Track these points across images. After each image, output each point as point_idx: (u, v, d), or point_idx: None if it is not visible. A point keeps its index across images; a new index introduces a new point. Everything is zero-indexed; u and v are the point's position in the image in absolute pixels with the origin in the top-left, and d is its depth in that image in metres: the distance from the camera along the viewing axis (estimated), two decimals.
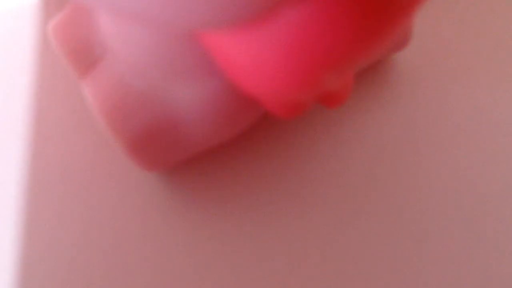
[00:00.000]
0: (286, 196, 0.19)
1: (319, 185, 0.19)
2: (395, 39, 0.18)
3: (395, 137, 0.20)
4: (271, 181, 0.19)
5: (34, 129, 0.20)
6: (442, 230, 0.19)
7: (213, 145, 0.17)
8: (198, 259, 0.18)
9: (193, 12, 0.09)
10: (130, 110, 0.16)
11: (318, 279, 0.18)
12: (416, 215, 0.19)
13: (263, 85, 0.12)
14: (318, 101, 0.16)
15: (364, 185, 0.19)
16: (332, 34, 0.10)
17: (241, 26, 0.10)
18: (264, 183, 0.19)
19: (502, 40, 0.23)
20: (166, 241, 0.18)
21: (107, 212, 0.18)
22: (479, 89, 0.21)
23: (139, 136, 0.16)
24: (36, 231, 0.18)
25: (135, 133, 0.16)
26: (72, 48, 0.17)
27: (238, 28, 0.11)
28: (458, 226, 0.19)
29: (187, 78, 0.15)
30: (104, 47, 0.16)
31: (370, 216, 0.19)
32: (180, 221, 0.18)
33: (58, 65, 0.21)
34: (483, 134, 0.20)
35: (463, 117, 0.20)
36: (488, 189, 0.19)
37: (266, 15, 0.10)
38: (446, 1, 0.23)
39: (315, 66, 0.11)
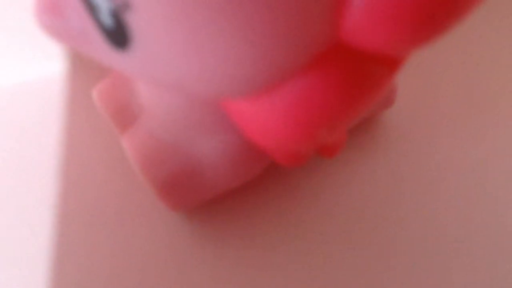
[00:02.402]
0: (292, 232, 0.19)
1: (317, 222, 0.20)
2: (380, 100, 0.20)
3: (384, 184, 0.20)
4: (279, 220, 0.20)
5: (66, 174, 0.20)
6: (430, 270, 0.19)
7: (230, 188, 0.18)
8: None
9: (216, 86, 0.11)
10: (161, 160, 0.17)
11: None
12: (406, 256, 0.19)
13: (270, 139, 0.13)
14: (316, 152, 0.17)
15: (356, 225, 0.20)
16: (325, 100, 0.12)
17: (252, 96, 0.12)
18: (272, 221, 0.20)
19: (486, 93, 0.23)
20: (188, 271, 0.19)
21: (136, 247, 0.19)
22: (463, 143, 0.22)
23: (167, 181, 0.17)
24: (66, 272, 0.19)
25: (165, 179, 0.17)
26: (114, 109, 0.18)
27: (250, 96, 0.12)
28: (446, 270, 0.19)
29: (208, 133, 0.17)
30: (140, 108, 0.18)
31: (364, 253, 0.19)
32: (200, 254, 0.19)
33: (87, 125, 0.22)
34: (467, 184, 0.21)
35: (447, 168, 0.21)
36: (474, 235, 0.20)
37: (271, 88, 0.11)
38: (429, 60, 0.24)
39: (312, 124, 0.12)
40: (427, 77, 0.24)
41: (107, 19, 0.10)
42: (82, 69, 0.24)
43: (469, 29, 0.25)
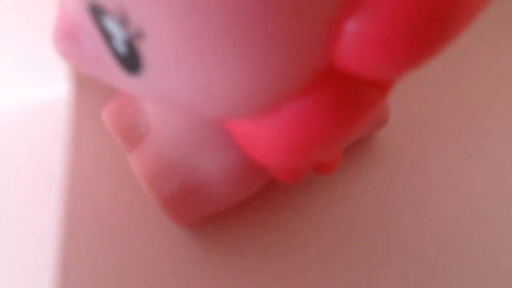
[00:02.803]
0: (292, 245, 0.20)
1: (316, 235, 0.20)
2: (374, 120, 0.20)
3: (379, 199, 0.21)
4: (279, 233, 0.20)
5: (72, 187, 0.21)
6: (426, 283, 0.19)
7: (232, 204, 0.19)
8: None
9: (220, 107, 0.11)
10: (166, 176, 0.18)
11: None
12: (402, 269, 0.19)
13: (270, 157, 0.14)
14: (314, 169, 0.18)
15: (354, 237, 0.20)
16: (320, 120, 0.12)
17: (253, 116, 0.12)
18: (272, 235, 0.20)
19: (477, 111, 0.24)
20: (190, 282, 0.19)
21: (142, 259, 0.19)
22: (455, 159, 0.22)
23: (172, 197, 0.18)
24: (71, 284, 0.19)
25: (170, 195, 0.17)
26: (122, 128, 0.19)
27: (251, 117, 0.13)
28: (441, 282, 0.19)
29: (211, 151, 0.17)
30: (147, 127, 0.19)
31: (362, 265, 0.19)
32: (203, 266, 0.19)
33: (92, 145, 0.22)
34: (460, 198, 0.21)
35: (440, 183, 0.21)
36: (468, 248, 0.20)
37: (271, 109, 0.12)
38: (422, 80, 0.24)
39: (308, 143, 0.13)
40: (420, 97, 0.24)
41: (121, 47, 0.11)
42: (87, 91, 0.24)
43: (461, 48, 0.24)
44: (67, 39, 0.12)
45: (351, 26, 0.10)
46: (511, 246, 0.20)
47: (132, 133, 0.19)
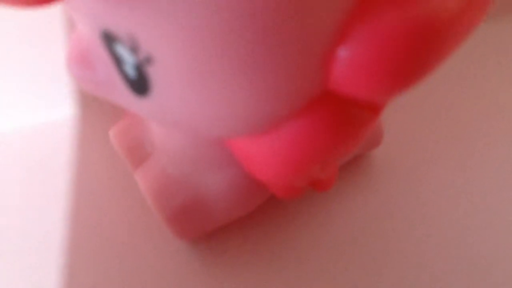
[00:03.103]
0: (291, 258, 0.20)
1: (314, 248, 0.20)
2: (368, 140, 0.21)
3: (373, 214, 0.21)
4: (278, 247, 0.20)
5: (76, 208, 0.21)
6: None
7: (233, 219, 0.19)
8: None
9: (223, 128, 0.12)
10: (171, 193, 0.18)
11: None
12: (399, 285, 0.20)
13: (269, 174, 0.14)
14: (311, 186, 0.18)
15: (349, 251, 0.20)
16: (316, 139, 0.13)
17: (253, 135, 0.13)
18: (272, 248, 0.20)
19: (469, 131, 0.24)
20: None
21: (146, 272, 0.19)
22: (448, 177, 0.23)
23: (176, 212, 0.18)
24: None
25: (174, 210, 0.18)
26: (129, 147, 0.20)
27: (252, 136, 0.13)
28: None
29: (214, 168, 0.18)
30: (152, 145, 0.19)
31: (358, 279, 0.20)
32: (205, 279, 0.19)
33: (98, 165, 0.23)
34: (454, 215, 0.21)
35: (434, 201, 0.22)
36: (463, 265, 0.20)
37: (270, 129, 0.13)
38: (415, 101, 0.25)
39: (304, 161, 0.13)
40: (413, 117, 0.25)
41: (131, 71, 0.12)
42: (92, 112, 0.25)
43: (452, 68, 0.26)
44: (81, 63, 0.13)
45: (343, 53, 0.11)
46: (506, 264, 0.21)
47: (138, 152, 0.20)
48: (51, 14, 0.23)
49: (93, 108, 0.25)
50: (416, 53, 0.11)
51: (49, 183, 0.22)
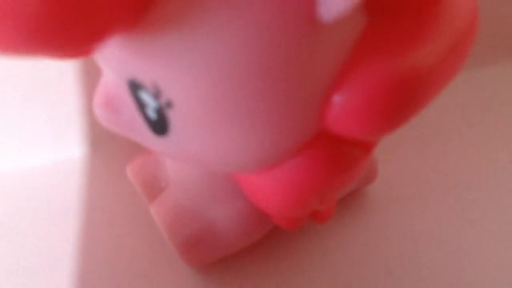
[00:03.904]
0: (292, 284, 0.21)
1: (313, 275, 0.21)
2: (363, 176, 0.22)
3: (369, 247, 0.22)
4: (281, 273, 0.21)
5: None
6: None
7: (240, 248, 0.20)
8: None
9: (233, 164, 0.13)
10: (183, 224, 0.19)
11: None
12: None
13: (272, 206, 0.15)
14: (310, 218, 0.19)
15: (347, 275, 0.21)
16: (313, 175, 0.14)
17: (258, 171, 0.14)
18: (275, 274, 0.21)
19: (462, 164, 0.25)
20: None
21: None
22: (440, 210, 0.23)
23: (188, 241, 0.19)
24: None
25: (186, 239, 0.19)
26: (144, 182, 0.21)
27: (257, 172, 0.14)
28: None
29: (222, 201, 0.19)
30: (166, 180, 0.20)
31: None
32: None
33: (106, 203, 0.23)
34: (449, 249, 0.22)
35: (426, 235, 0.22)
36: None
37: (273, 166, 0.14)
38: (408, 138, 0.26)
39: (304, 193, 0.14)
40: (406, 155, 0.26)
41: (152, 114, 0.13)
42: (102, 152, 0.25)
43: (443, 105, 0.27)
44: (107, 107, 0.14)
45: (338, 99, 0.12)
46: None
47: (153, 186, 0.21)
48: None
49: (102, 148, 0.25)
50: (401, 99, 0.12)
51: (62, 218, 0.23)
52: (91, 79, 0.23)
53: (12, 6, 0.08)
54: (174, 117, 0.12)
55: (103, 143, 0.26)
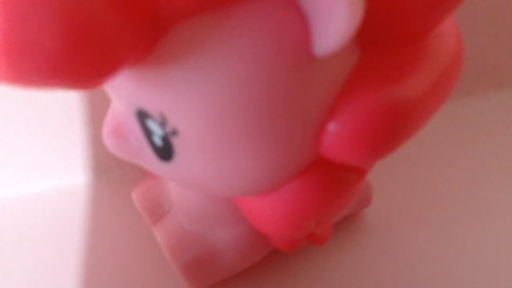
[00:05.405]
0: None
1: None
2: (358, 200, 0.22)
3: (364, 269, 0.22)
4: None
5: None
6: None
7: (240, 269, 0.20)
8: None
9: (234, 189, 0.14)
10: (186, 246, 0.19)
11: None
12: None
13: (271, 227, 0.16)
14: (308, 240, 0.19)
15: None
16: (309, 199, 0.14)
17: (258, 195, 0.15)
18: None
19: (456, 187, 0.25)
20: None
21: None
22: (434, 233, 0.23)
23: (190, 263, 0.19)
24: None
25: (188, 261, 0.19)
26: (148, 206, 0.21)
27: (257, 195, 0.15)
28: None
29: (224, 224, 0.19)
30: (169, 204, 0.21)
31: None
32: None
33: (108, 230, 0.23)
34: (446, 271, 0.22)
35: (421, 257, 0.22)
36: None
37: (272, 190, 0.14)
38: (402, 164, 0.26)
39: (301, 216, 0.15)
40: (401, 180, 0.26)
41: (158, 141, 0.13)
42: (106, 179, 0.26)
43: (434, 132, 0.27)
44: (116, 135, 0.15)
45: (332, 127, 0.13)
46: None
47: (157, 209, 0.21)
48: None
49: (107, 175, 0.26)
50: (390, 127, 0.13)
51: (67, 244, 0.23)
52: (95, 108, 0.24)
53: (36, 44, 0.09)
54: (179, 144, 0.13)
55: (107, 170, 0.26)
